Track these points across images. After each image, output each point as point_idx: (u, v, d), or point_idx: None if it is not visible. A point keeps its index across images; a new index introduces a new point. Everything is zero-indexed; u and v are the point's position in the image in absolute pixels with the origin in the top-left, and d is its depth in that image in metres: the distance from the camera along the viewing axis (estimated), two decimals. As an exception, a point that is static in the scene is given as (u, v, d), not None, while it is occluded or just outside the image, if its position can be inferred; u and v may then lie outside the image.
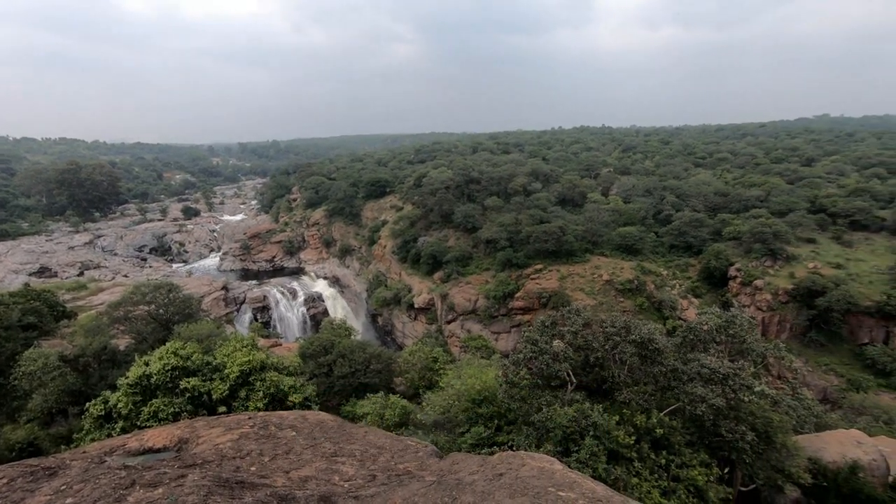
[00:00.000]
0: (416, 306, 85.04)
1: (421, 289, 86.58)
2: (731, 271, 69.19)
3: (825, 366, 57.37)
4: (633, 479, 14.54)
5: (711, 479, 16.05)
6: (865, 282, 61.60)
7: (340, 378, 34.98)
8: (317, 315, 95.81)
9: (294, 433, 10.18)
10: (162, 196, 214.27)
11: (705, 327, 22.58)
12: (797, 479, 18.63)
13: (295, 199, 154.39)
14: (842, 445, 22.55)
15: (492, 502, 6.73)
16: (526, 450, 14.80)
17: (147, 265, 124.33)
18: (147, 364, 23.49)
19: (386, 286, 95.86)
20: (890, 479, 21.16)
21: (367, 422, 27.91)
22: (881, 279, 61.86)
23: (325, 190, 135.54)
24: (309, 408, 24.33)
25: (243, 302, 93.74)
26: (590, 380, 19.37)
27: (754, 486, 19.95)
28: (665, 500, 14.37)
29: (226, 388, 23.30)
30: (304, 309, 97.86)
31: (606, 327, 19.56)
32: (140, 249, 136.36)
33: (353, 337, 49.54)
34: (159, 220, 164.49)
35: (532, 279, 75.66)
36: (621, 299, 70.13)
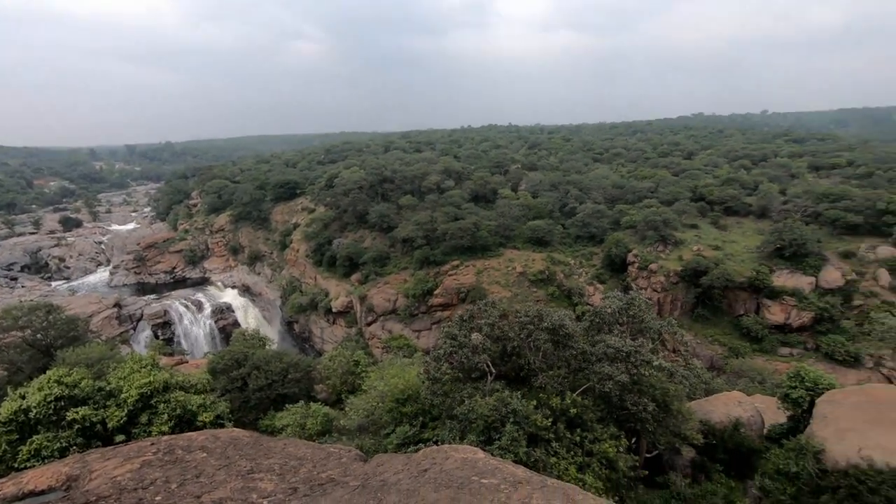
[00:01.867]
0: (334, 310, 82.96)
1: (338, 292, 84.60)
2: (630, 257, 75.12)
3: (711, 337, 64.25)
4: (551, 459, 15.35)
5: (621, 449, 17.37)
6: (739, 261, 69.81)
7: (256, 391, 33.21)
8: (227, 327, 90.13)
9: (205, 455, 9.51)
10: (33, 206, 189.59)
11: (609, 310, 24.32)
12: (692, 440, 20.75)
13: (195, 205, 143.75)
14: (726, 406, 25.44)
15: (417, 499, 6.78)
16: (451, 443, 15.05)
17: (18, 285, 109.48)
18: (24, 397, 20.67)
19: (301, 291, 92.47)
20: (764, 430, 24.25)
21: (287, 434, 26.80)
22: (751, 257, 70.47)
23: (228, 194, 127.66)
24: (222, 426, 22.82)
25: (140, 319, 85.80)
26: (508, 368, 20.12)
27: (657, 451, 21.94)
28: (581, 474, 15.34)
29: (123, 414, 21.16)
30: (211, 322, 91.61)
31: (521, 317, 20.43)
32: (9, 268, 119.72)
33: (268, 347, 47.24)
34: (31, 233, 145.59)
35: (450, 275, 76.89)
36: (534, 289, 73.48)
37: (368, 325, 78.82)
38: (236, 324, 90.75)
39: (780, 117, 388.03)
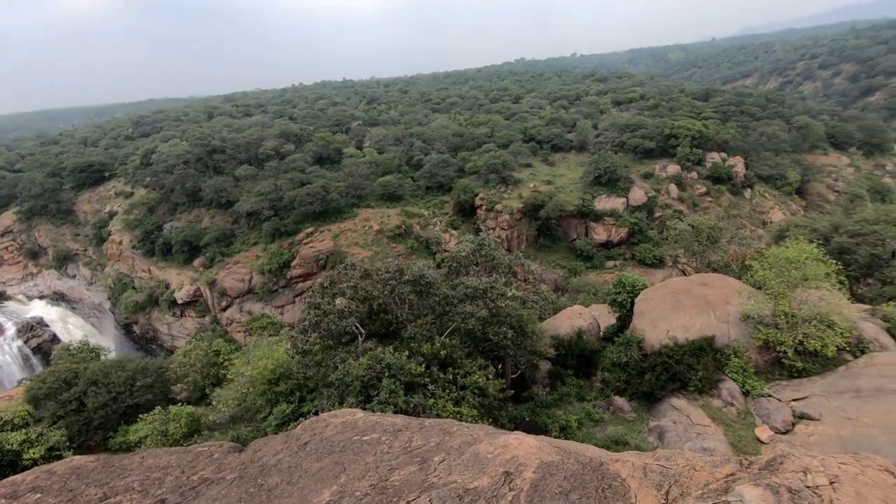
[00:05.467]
0: (179, 302, 74.69)
1: (181, 281, 76.08)
2: (477, 201, 79.77)
3: (553, 262, 72.40)
4: (429, 401, 16.31)
5: (490, 377, 19.11)
6: (568, 192, 78.63)
7: (99, 409, 28.98)
8: (43, 345, 75.85)
9: (39, 496, 8.15)
10: None
11: (463, 254, 25.88)
12: (546, 355, 23.67)
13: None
14: (570, 320, 29.26)
15: (300, 473, 6.74)
16: (330, 410, 15.05)
17: None
18: None
19: (135, 288, 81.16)
20: (601, 333, 28.60)
21: (147, 445, 24.19)
22: (577, 188, 79.82)
23: (9, 186, 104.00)
24: (59, 457, 19.68)
25: (-89, 359, 67.78)
26: (377, 326, 20.44)
27: (520, 370, 24.61)
28: (457, 407, 16.62)
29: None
30: (19, 343, 76.19)
31: (383, 274, 20.69)
32: None
33: (104, 357, 41.12)
34: None
35: (306, 244, 73.83)
36: (394, 245, 74.45)
37: (224, 310, 72.83)
38: (56, 339, 76.68)
39: (587, 59, 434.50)
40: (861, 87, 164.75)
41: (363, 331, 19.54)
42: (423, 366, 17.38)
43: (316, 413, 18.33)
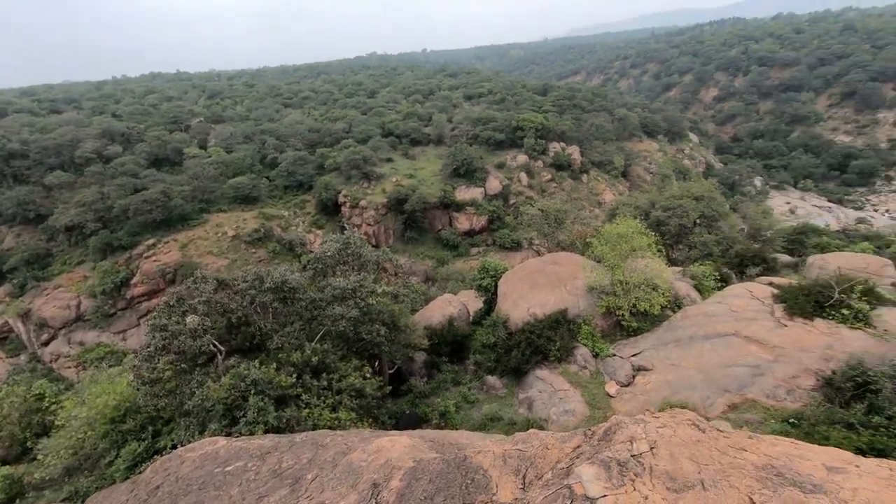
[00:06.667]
0: (-21, 342, 61.07)
1: (-21, 317, 62.20)
2: (340, 198, 77.91)
3: (421, 254, 73.93)
4: (304, 412, 15.53)
5: (366, 376, 18.84)
6: (430, 184, 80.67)
7: None
8: None
9: None
10: None
11: (329, 254, 25.07)
12: (420, 346, 24.07)
13: None
14: (441, 308, 30.15)
15: (150, 523, 5.92)
16: (190, 441, 13.53)
17: None
18: None
19: None
20: (470, 318, 29.98)
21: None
22: (437, 180, 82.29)
23: None
24: None
25: None
26: (239, 341, 18.86)
27: (396, 365, 24.73)
28: (335, 413, 16.09)
29: None
30: None
31: (240, 284, 19.11)
32: None
33: None
34: None
35: (147, 258, 65.29)
36: (253, 250, 69.44)
37: (45, 344, 61.32)
38: None
39: (437, 55, 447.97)
40: (662, 83, 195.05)
41: (223, 348, 17.88)
42: (295, 376, 16.48)
43: (174, 447, 16.39)
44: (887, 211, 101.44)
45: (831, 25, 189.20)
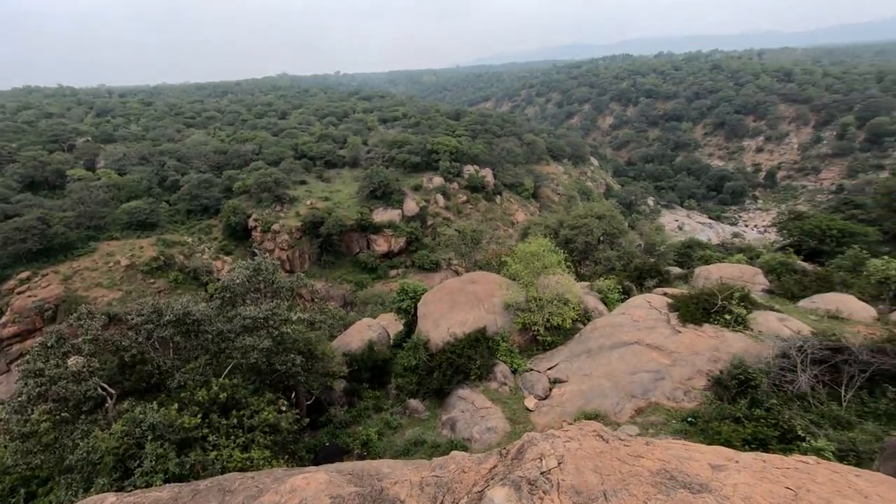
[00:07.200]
0: None
1: None
2: (251, 222, 74.14)
3: (339, 278, 72.07)
4: (211, 455, 14.22)
5: (281, 410, 17.73)
6: (346, 207, 79.39)
7: None
8: None
9: None
10: None
11: (238, 281, 23.56)
12: (339, 374, 23.22)
13: None
14: (360, 333, 29.41)
15: None
16: (72, 502, 11.83)
17: None
18: None
19: None
20: (391, 341, 29.52)
21: None
22: (354, 202, 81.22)
23: None
24: None
25: None
26: (134, 382, 16.97)
27: (314, 396, 23.60)
28: (246, 453, 14.89)
29: None
30: None
31: (134, 318, 17.32)
32: None
33: None
34: None
35: (20, 293, 57.41)
36: (151, 280, 63.66)
37: None
38: None
39: (350, 78, 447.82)
40: (565, 111, 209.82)
41: (113, 391, 16.01)
42: (200, 416, 15.10)
43: (53, 510, 14.27)
44: (756, 226, 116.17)
45: (702, 64, 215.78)
